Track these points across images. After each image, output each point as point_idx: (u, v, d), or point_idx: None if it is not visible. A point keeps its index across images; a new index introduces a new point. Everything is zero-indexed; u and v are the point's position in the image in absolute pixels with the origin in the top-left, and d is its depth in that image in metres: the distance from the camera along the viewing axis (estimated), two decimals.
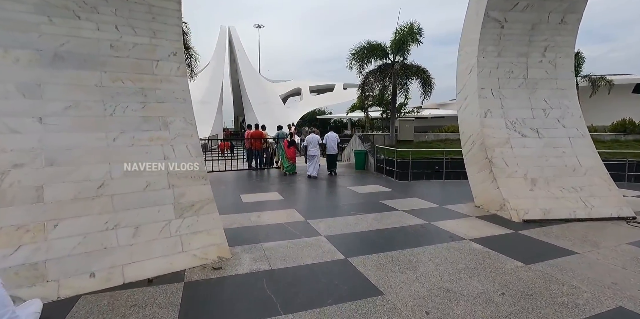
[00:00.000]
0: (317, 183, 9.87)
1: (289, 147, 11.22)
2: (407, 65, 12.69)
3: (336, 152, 11.45)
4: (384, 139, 14.12)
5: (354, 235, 4.95)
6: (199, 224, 4.28)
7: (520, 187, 6.07)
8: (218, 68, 39.39)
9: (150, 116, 4.44)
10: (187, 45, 10.88)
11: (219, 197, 8.19)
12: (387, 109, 16.17)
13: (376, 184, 9.28)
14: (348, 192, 8.32)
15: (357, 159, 12.49)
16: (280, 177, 11.04)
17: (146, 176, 4.18)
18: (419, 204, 6.93)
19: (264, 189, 8.89)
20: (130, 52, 4.40)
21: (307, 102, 44.21)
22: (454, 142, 14.56)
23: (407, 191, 8.55)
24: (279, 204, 7.12)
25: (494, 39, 6.71)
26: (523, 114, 6.72)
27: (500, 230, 5.14)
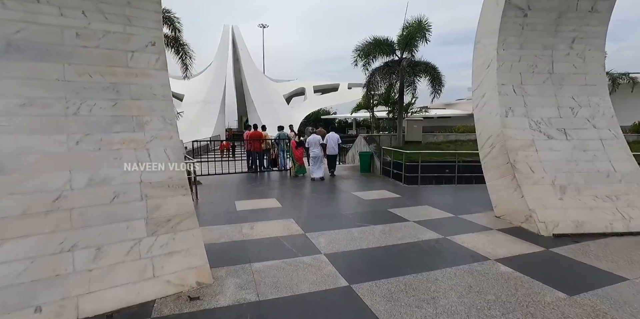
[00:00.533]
0: (319, 188, 9.20)
1: (297, 148, 10.67)
2: (416, 62, 11.96)
3: (336, 153, 11.01)
4: (391, 140, 13.43)
5: (359, 253, 4.27)
6: (176, 242, 3.63)
7: (548, 196, 5.36)
8: (221, 67, 38.87)
9: (123, 115, 3.80)
10: (181, 42, 10.29)
11: (212, 204, 7.70)
12: (393, 108, 15.47)
13: (383, 190, 8.59)
14: (352, 199, 7.64)
15: (362, 162, 11.81)
16: (280, 181, 10.38)
17: (114, 185, 3.54)
18: (431, 213, 6.24)
19: (261, 195, 8.24)
20: (100, 41, 3.76)
21: (311, 102, 43.54)
22: (465, 143, 13.82)
23: (417, 198, 7.85)
24: (276, 212, 6.46)
25: (516, 29, 6.00)
26: (548, 113, 6.01)
27: (528, 247, 4.44)
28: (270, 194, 8.23)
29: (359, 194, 8.08)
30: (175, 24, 10.21)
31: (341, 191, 8.71)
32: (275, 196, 8.03)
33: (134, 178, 3.66)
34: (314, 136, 10.62)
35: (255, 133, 11.97)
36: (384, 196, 7.83)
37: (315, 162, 10.33)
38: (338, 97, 44.23)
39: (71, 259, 3.11)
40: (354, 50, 12.70)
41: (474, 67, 6.84)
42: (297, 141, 10.95)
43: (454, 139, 14.01)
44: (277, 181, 10.50)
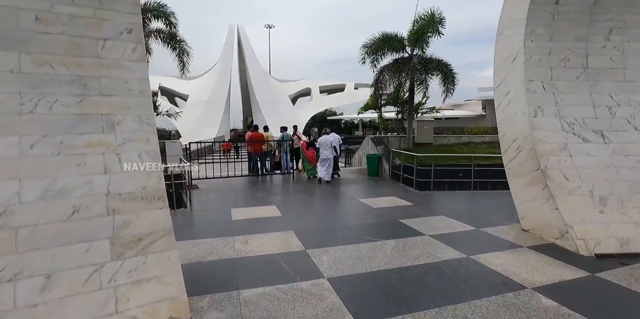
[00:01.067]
0: (324, 194, 8.56)
1: (308, 148, 10.42)
2: (427, 59, 11.24)
3: (337, 154, 10.66)
4: (400, 141, 12.73)
5: (369, 277, 3.62)
6: (147, 267, 3.01)
7: (586, 208, 4.66)
8: (225, 67, 38.41)
9: (90, 114, 3.21)
10: (178, 39, 9.74)
11: (205, 212, 6.93)
12: (402, 108, 14.73)
13: (393, 196, 7.92)
14: (360, 207, 6.98)
15: (370, 165, 11.14)
16: (282, 186, 9.76)
17: (74, 197, 2.94)
18: (448, 225, 5.55)
19: (261, 201, 7.61)
20: (66, 27, 3.16)
21: (317, 103, 42.86)
22: (478, 145, 13.08)
23: (431, 206, 7.17)
24: (275, 223, 5.82)
25: (546, 19, 5.31)
26: (583, 112, 5.30)
27: (570, 271, 3.74)
28: (270, 201, 7.60)
29: (366, 201, 7.42)
30: (171, 19, 9.66)
31: (347, 198, 8.05)
32: (276, 202, 7.40)
33: (100, 189, 3.06)
34: (326, 137, 10.12)
35: (256, 134, 11.37)
36: (394, 204, 7.16)
37: (324, 164, 9.98)
38: (344, 98, 43.51)
39: (12, 291, 2.51)
40: (362, 46, 12.06)
41: (496, 62, 6.15)
42: (308, 141, 10.69)
43: (466, 141, 13.27)
44: (279, 185, 9.87)
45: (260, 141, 11.13)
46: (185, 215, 6.59)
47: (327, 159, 9.95)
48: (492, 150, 12.47)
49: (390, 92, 13.42)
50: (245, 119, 49.76)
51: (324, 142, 10.11)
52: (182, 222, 6.02)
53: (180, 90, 38.90)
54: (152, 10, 9.43)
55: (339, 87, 45.53)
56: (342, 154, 16.33)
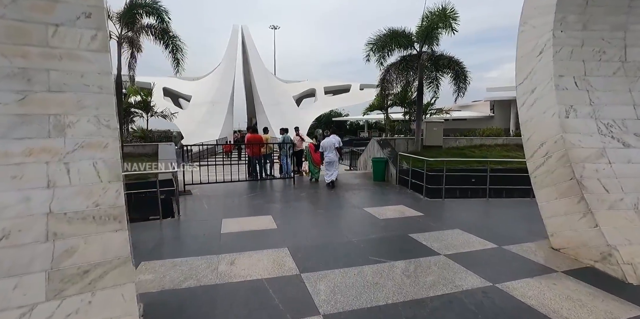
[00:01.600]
0: (325, 202, 7.92)
1: (316, 151, 10.30)
2: (438, 56, 10.51)
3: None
4: (407, 144, 12.04)
5: (375, 314, 2.95)
6: (93, 309, 2.39)
7: (633, 226, 3.95)
8: (229, 68, 37.91)
9: (34, 114, 2.61)
10: (171, 35, 9.17)
11: (193, 223, 6.16)
12: (410, 109, 14.02)
13: (401, 205, 7.24)
14: (364, 218, 6.32)
15: (376, 169, 10.47)
16: (281, 191, 9.12)
17: (4, 219, 2.35)
18: (466, 241, 4.87)
19: (256, 210, 6.99)
20: (7, 9, 2.58)
21: (322, 104, 42.17)
22: (491, 148, 12.34)
23: (444, 217, 6.48)
24: (268, 237, 5.19)
25: (578, 5, 4.62)
26: (622, 113, 4.60)
27: (621, 308, 3.05)
28: (267, 210, 6.96)
29: (372, 210, 6.75)
30: (163, 16, 9.08)
31: (351, 206, 7.38)
32: (272, 211, 6.77)
33: (39, 207, 2.46)
34: (329, 139, 9.86)
35: (254, 137, 10.76)
36: (402, 214, 6.49)
37: (330, 167, 9.74)
38: (350, 98, 42.77)
39: None
40: (367, 43, 11.38)
41: (519, 56, 5.46)
42: (315, 144, 10.56)
43: (478, 144, 12.53)
44: (278, 191, 9.24)
45: (259, 144, 10.52)
46: (171, 226, 5.98)
47: (332, 162, 9.75)
48: (507, 153, 11.75)
49: (397, 92, 12.74)
50: (249, 120, 49.29)
51: (327, 144, 9.80)
52: (165, 236, 5.41)
53: (184, 91, 38.52)
54: (144, 6, 8.89)
55: (344, 87, 44.85)
56: (346, 157, 15.68)
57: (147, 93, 12.71)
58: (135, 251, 2.92)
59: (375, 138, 12.30)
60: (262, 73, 39.17)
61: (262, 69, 39.93)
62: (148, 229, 5.76)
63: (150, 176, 8.18)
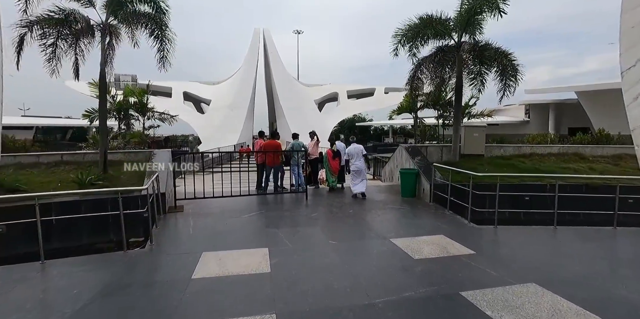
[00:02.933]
0: (341, 228, 6.28)
1: (334, 158, 9.55)
2: (483, 46, 8.65)
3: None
4: (442, 152, 10.20)
5: None
6: None
7: None
8: (249, 71, 36.96)
9: None
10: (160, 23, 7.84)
11: (164, 257, 4.64)
12: (444, 111, 12.17)
13: (440, 234, 5.49)
14: (393, 257, 4.61)
15: (405, 183, 8.71)
16: (290, 211, 7.51)
17: None
18: (555, 311, 3.08)
19: (251, 239, 5.43)
20: None
21: (345, 108, 40.52)
22: (544, 158, 10.29)
23: (506, 258, 4.65)
24: (254, 290, 3.59)
25: None
26: None
27: None
28: (265, 238, 5.39)
29: (402, 243, 5.03)
30: (160, 4, 7.78)
31: (374, 236, 5.65)
32: (271, 241, 5.18)
33: None
34: (355, 146, 9.03)
35: (271, 143, 9.24)
36: (445, 251, 4.73)
37: (357, 176, 8.84)
38: (374, 103, 40.90)
39: None
40: (394, 35, 9.72)
41: (624, 30, 3.65)
42: (334, 150, 9.63)
43: (528, 152, 10.50)
44: (287, 209, 7.63)
45: (276, 151, 8.99)
46: (129, 264, 4.48)
47: (360, 171, 8.87)
48: (566, 165, 9.69)
49: (430, 91, 10.94)
50: (270, 125, 48.32)
51: (354, 151, 8.95)
52: (110, 284, 3.90)
53: (204, 95, 37.95)
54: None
55: (368, 91, 43.09)
56: (370, 164, 13.97)
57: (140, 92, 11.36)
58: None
59: (403, 145, 10.53)
60: (282, 76, 38.05)
61: (283, 72, 38.81)
62: (94, 269, 4.31)
63: (134, 191, 6.78)
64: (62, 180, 7.51)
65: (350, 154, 8.96)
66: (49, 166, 8.23)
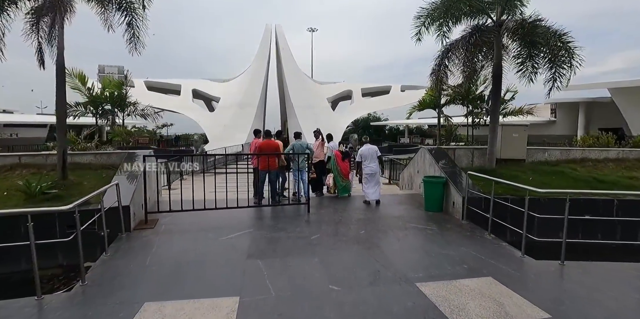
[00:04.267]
0: (348, 259, 4.70)
1: (343, 160, 8.65)
2: (533, 24, 6.87)
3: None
4: (472, 155, 8.51)
5: None
6: None
7: None
8: (260, 68, 35.64)
9: None
10: None
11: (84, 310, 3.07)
12: (475, 107, 10.42)
13: (487, 276, 3.87)
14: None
15: (430, 193, 7.08)
16: (284, 231, 5.93)
17: None
18: None
19: (216, 283, 3.91)
20: None
21: (359, 106, 38.75)
22: (600, 164, 8.46)
23: None
24: None
25: None
26: None
27: None
28: (236, 282, 3.87)
29: (433, 290, 3.46)
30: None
31: (394, 278, 4.00)
32: (245, 287, 3.68)
33: None
34: (369, 147, 8.09)
35: (269, 143, 7.77)
36: (501, 311, 3.12)
37: (371, 181, 7.88)
38: (389, 101, 39.02)
39: None
40: (416, 17, 8.10)
41: None
42: (342, 151, 8.85)
43: (578, 157, 8.69)
44: (280, 228, 6.07)
45: (275, 154, 7.51)
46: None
47: (374, 174, 7.90)
48: (630, 172, 7.86)
49: (457, 84, 9.25)
50: (283, 123, 46.98)
51: (368, 153, 7.96)
52: None
53: (213, 93, 36.87)
54: None
55: (384, 89, 41.24)
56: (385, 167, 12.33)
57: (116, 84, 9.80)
58: None
59: (426, 147, 8.87)
60: (294, 73, 36.60)
61: (295, 69, 37.36)
62: None
63: (92, 202, 5.34)
64: (9, 188, 6.18)
65: (364, 156, 7.96)
66: (2, 170, 6.93)
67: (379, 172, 8.13)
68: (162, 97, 34.57)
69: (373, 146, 8.19)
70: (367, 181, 7.86)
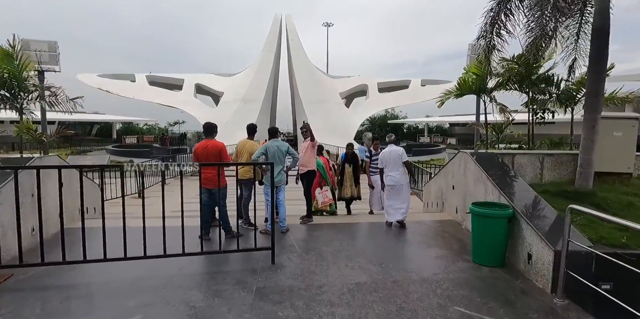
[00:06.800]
0: None
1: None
2: None
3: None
4: (542, 165, 5.46)
5: None
6: None
7: None
8: (266, 61, 32.83)
9: None
10: None
11: None
12: (539, 93, 7.14)
13: None
14: None
15: (482, 234, 4.09)
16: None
17: None
18: None
19: None
20: None
21: (375, 102, 35.40)
22: None
23: None
24: None
25: None
26: None
27: None
28: None
29: None
30: None
31: None
32: None
33: None
34: (392, 149, 5.94)
35: (206, 146, 5.01)
36: None
37: (392, 196, 5.88)
38: (408, 97, 35.54)
39: None
40: None
41: None
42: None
43: None
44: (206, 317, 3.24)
45: (218, 165, 4.69)
46: None
47: (399, 186, 5.84)
48: None
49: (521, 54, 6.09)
50: (294, 120, 44.18)
51: (389, 157, 5.89)
52: None
53: (217, 88, 34.38)
54: None
55: (402, 84, 37.77)
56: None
57: (4, 54, 7.03)
58: None
59: (467, 152, 5.82)
60: (304, 66, 33.67)
61: (305, 62, 34.42)
62: None
63: None
64: None
65: (385, 161, 5.90)
66: None
67: (405, 185, 5.86)
68: (161, 92, 32.39)
69: (397, 148, 5.97)
70: (388, 196, 5.92)
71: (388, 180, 5.90)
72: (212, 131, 5.21)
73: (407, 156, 6.00)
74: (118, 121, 48.83)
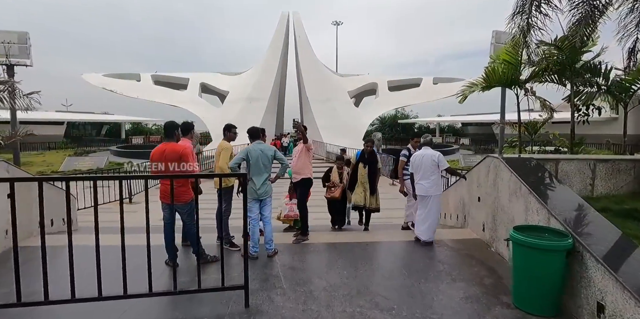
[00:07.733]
0: None
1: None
2: None
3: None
4: (593, 173, 4.33)
5: None
6: None
7: None
8: (272, 59, 31.89)
9: None
10: None
11: None
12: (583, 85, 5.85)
13: None
14: None
15: (529, 270, 3.02)
16: None
17: None
18: None
19: None
20: None
21: (385, 101, 34.08)
22: None
23: None
24: None
25: None
26: None
27: None
28: None
29: None
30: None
31: None
32: None
33: None
34: (426, 153, 4.94)
35: (166, 149, 4.01)
36: None
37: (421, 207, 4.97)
38: (419, 95, 34.18)
39: None
40: None
41: None
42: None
43: None
44: None
45: (174, 177, 3.73)
46: None
47: (426, 198, 4.92)
48: None
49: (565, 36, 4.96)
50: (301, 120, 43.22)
51: (419, 162, 4.95)
52: None
53: (222, 87, 33.60)
54: None
55: (414, 82, 36.45)
56: None
57: None
58: None
59: (500, 157, 4.73)
60: (311, 63, 32.62)
61: (312, 59, 33.37)
62: None
63: None
64: None
65: (415, 166, 5.02)
66: None
67: (434, 197, 4.94)
68: (166, 92, 31.75)
69: (432, 152, 4.96)
70: (420, 208, 5.06)
71: (419, 189, 5.00)
72: (171, 130, 4.21)
73: (446, 162, 4.94)
74: (127, 121, 48.59)
